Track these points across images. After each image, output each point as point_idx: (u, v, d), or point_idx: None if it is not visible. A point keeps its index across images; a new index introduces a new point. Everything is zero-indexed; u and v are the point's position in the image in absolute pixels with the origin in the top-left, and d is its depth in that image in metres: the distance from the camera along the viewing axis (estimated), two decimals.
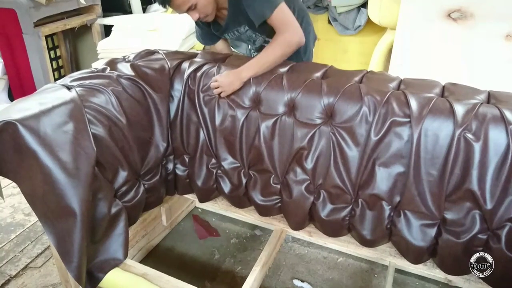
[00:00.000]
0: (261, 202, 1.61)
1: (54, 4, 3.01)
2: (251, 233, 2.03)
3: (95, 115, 1.38)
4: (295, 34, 1.39)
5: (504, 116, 1.20)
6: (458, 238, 1.30)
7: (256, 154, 1.54)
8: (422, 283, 1.73)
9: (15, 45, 2.94)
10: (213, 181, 1.69)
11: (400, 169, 1.33)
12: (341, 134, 1.38)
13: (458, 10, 2.13)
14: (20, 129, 1.18)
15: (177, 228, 2.07)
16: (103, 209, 1.35)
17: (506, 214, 1.22)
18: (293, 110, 1.45)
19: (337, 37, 3.07)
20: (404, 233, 1.37)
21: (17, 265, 1.83)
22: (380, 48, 2.60)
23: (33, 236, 2.01)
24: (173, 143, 1.69)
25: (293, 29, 1.40)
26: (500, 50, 2.11)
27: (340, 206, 1.46)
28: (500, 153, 1.19)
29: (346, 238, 1.59)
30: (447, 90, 1.40)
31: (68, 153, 1.23)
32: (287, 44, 1.39)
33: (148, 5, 3.81)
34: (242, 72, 1.46)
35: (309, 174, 1.47)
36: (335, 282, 1.75)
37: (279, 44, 1.41)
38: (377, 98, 1.33)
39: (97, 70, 1.60)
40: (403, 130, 1.30)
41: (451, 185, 1.27)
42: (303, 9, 1.79)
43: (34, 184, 1.22)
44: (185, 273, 1.78)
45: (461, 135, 1.22)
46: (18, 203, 2.25)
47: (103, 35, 3.49)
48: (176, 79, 1.64)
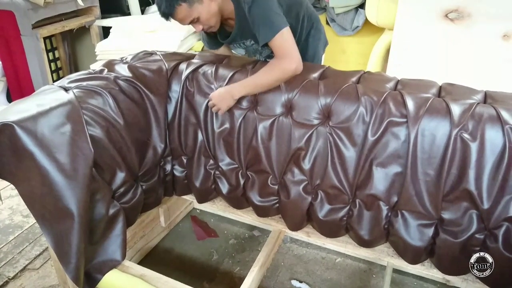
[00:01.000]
0: (259, 203, 1.61)
1: (52, 6, 3.01)
2: (249, 234, 2.03)
3: (93, 116, 1.38)
4: (292, 62, 1.37)
5: (501, 116, 1.20)
6: (455, 238, 1.30)
7: (254, 154, 1.54)
8: (420, 283, 1.74)
9: (13, 47, 2.94)
10: (211, 182, 1.70)
11: (397, 169, 1.34)
12: (338, 135, 1.39)
13: (455, 10, 2.14)
14: (18, 131, 1.18)
15: (176, 229, 2.07)
16: (101, 210, 1.36)
17: (503, 214, 1.22)
18: (290, 110, 1.46)
19: (335, 37, 3.08)
20: (401, 233, 1.38)
21: (16, 266, 1.83)
22: (377, 48, 2.61)
23: (31, 238, 2.00)
24: (171, 144, 1.69)
25: (291, 57, 1.38)
26: (497, 50, 2.12)
27: (338, 207, 1.47)
28: (497, 152, 1.19)
29: (344, 239, 1.59)
30: (443, 90, 1.40)
31: (65, 155, 1.23)
32: (282, 71, 1.39)
33: (147, 6, 3.81)
34: (235, 89, 1.47)
35: (307, 175, 1.48)
36: (334, 282, 1.75)
37: (275, 69, 1.41)
38: (374, 99, 1.34)
39: (95, 72, 1.60)
40: (400, 130, 1.30)
41: (448, 185, 1.27)
42: (314, 16, 1.77)
43: (31, 185, 1.22)
44: (184, 274, 1.78)
45: (457, 135, 1.22)
46: (16, 205, 2.25)
47: (102, 36, 3.49)
48: (174, 80, 1.64)
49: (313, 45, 1.74)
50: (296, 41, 1.62)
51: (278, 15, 1.41)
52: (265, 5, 1.40)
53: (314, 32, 1.74)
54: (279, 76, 1.40)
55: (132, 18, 3.39)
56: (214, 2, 1.47)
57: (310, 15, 1.73)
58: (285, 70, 1.38)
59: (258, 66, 1.59)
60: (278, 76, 1.41)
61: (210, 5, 1.46)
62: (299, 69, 1.39)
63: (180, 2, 1.41)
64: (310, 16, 1.73)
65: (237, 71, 1.57)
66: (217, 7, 1.48)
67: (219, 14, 1.52)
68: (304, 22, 1.67)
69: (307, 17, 1.70)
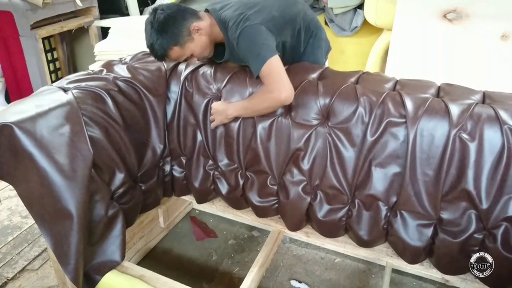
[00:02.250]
0: (258, 203, 1.61)
1: (51, 7, 3.01)
2: (248, 234, 2.03)
3: (92, 117, 1.38)
4: (281, 92, 1.34)
5: (499, 116, 1.20)
6: (454, 238, 1.30)
7: (253, 155, 1.54)
8: (419, 283, 1.74)
9: (12, 47, 2.94)
10: (210, 183, 1.70)
11: (396, 169, 1.34)
12: (338, 135, 1.39)
13: (453, 10, 2.14)
14: (17, 132, 1.18)
15: (175, 230, 2.07)
16: (100, 211, 1.36)
17: (502, 214, 1.23)
18: (289, 111, 1.46)
19: (333, 38, 3.08)
20: (400, 233, 1.38)
21: (14, 267, 1.83)
22: (376, 49, 2.61)
23: (30, 239, 2.00)
24: (170, 144, 1.69)
25: (279, 88, 1.34)
26: (496, 50, 2.12)
27: (337, 207, 1.47)
28: (495, 153, 1.20)
29: (343, 239, 1.59)
30: (442, 90, 1.41)
31: (64, 156, 1.23)
32: (271, 102, 1.39)
33: (145, 7, 3.81)
34: (230, 109, 1.50)
35: (306, 175, 1.48)
36: (333, 282, 1.75)
37: (265, 100, 1.40)
38: (373, 99, 1.34)
39: (94, 72, 1.60)
40: (399, 130, 1.30)
41: (447, 185, 1.27)
42: (313, 24, 1.68)
43: (30, 186, 1.22)
44: (183, 275, 1.78)
45: (456, 135, 1.22)
46: (15, 206, 2.24)
47: (100, 37, 3.49)
48: (173, 80, 1.64)
49: (313, 54, 1.70)
50: (295, 54, 1.62)
51: (264, 45, 1.38)
52: (251, 37, 1.38)
53: (313, 40, 1.69)
54: (269, 105, 1.41)
55: (130, 19, 3.39)
56: (204, 36, 1.48)
57: (308, 25, 1.66)
58: (274, 100, 1.37)
59: None
60: (269, 105, 1.41)
61: (201, 39, 1.47)
62: (289, 99, 1.36)
63: (171, 46, 1.43)
64: (308, 26, 1.66)
65: (236, 72, 1.57)
66: (208, 39, 1.49)
67: (211, 44, 1.53)
68: (301, 35, 1.62)
69: (305, 28, 1.64)
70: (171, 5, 1.46)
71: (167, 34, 1.41)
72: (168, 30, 1.41)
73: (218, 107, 1.53)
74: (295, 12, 1.58)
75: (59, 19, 3.20)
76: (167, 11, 1.42)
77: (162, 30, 1.41)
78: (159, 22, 1.41)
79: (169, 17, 1.41)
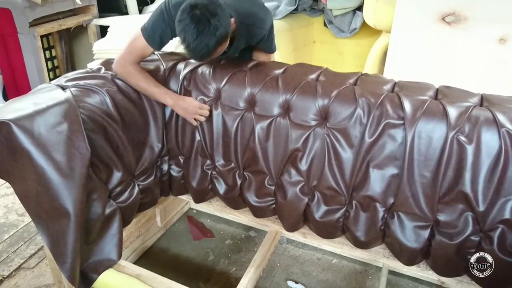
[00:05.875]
0: (255, 203, 1.61)
1: (50, 4, 3.00)
2: (245, 234, 2.03)
3: (90, 115, 1.38)
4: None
5: (497, 119, 1.21)
6: (451, 240, 1.31)
7: (251, 155, 1.54)
8: (416, 285, 1.74)
9: (10, 45, 2.93)
10: (208, 182, 1.69)
11: (394, 171, 1.34)
12: (336, 136, 1.39)
13: (452, 13, 2.15)
14: (14, 129, 1.17)
15: (172, 229, 2.06)
16: (97, 209, 1.35)
17: (499, 216, 1.23)
18: (288, 111, 1.46)
19: (332, 39, 3.09)
20: (397, 235, 1.38)
21: (10, 265, 1.82)
22: (375, 50, 2.61)
23: (26, 237, 1.99)
24: (168, 144, 1.69)
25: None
26: (494, 53, 2.13)
27: (334, 208, 1.47)
28: (493, 155, 1.20)
29: (340, 240, 1.59)
30: (440, 92, 1.41)
31: (62, 154, 1.23)
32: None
33: (145, 6, 3.80)
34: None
35: (304, 176, 1.48)
36: (329, 283, 1.75)
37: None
38: (371, 100, 1.34)
39: (92, 71, 1.60)
40: (397, 132, 1.31)
41: (444, 187, 1.28)
42: (240, 12, 1.50)
43: (27, 184, 1.22)
44: (180, 274, 1.77)
45: (454, 138, 1.23)
46: (11, 204, 2.23)
47: (99, 35, 3.48)
48: (172, 80, 1.64)
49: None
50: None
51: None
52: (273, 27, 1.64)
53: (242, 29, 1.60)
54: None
55: (129, 18, 3.38)
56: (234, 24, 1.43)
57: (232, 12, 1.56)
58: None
59: (255, 66, 1.60)
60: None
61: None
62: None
63: (222, 42, 1.34)
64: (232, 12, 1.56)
65: (235, 72, 1.57)
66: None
67: None
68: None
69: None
70: (209, 1, 1.34)
71: (218, 31, 1.31)
72: (219, 26, 1.31)
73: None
74: None
75: (58, 17, 3.19)
76: (210, 6, 1.31)
77: (216, 27, 1.30)
78: (209, 20, 1.30)
79: (215, 13, 1.31)
